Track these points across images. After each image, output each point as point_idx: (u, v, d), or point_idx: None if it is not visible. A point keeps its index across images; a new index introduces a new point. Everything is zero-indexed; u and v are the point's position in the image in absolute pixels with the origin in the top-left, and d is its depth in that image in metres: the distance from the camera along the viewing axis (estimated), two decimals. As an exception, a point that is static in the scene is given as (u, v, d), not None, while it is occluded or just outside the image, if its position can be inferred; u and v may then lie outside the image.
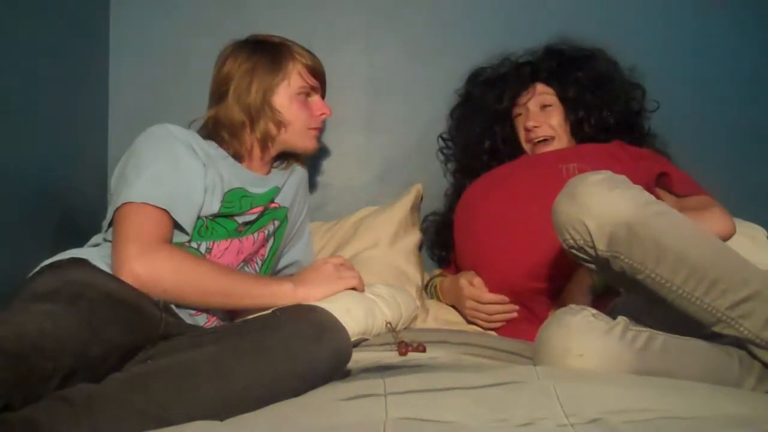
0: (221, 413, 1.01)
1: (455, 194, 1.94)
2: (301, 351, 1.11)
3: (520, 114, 1.85)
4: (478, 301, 1.69)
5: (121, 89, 2.01)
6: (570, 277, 1.56)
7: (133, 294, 1.26)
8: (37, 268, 1.31)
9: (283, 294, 1.38)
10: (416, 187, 1.99)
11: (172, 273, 1.31)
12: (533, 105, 1.83)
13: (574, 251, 1.23)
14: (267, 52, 1.59)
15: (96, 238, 1.47)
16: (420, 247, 1.96)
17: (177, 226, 1.39)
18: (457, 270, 1.85)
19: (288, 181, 1.65)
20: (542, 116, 1.81)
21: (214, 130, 1.57)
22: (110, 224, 1.39)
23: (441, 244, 1.97)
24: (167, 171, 1.40)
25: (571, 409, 0.96)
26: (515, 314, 1.69)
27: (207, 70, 1.66)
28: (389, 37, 2.10)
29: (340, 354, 1.16)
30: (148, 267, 1.29)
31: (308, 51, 1.64)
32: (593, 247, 1.18)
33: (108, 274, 1.29)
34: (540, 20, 2.05)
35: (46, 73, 1.63)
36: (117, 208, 1.36)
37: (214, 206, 1.45)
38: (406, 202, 1.94)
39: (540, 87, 1.84)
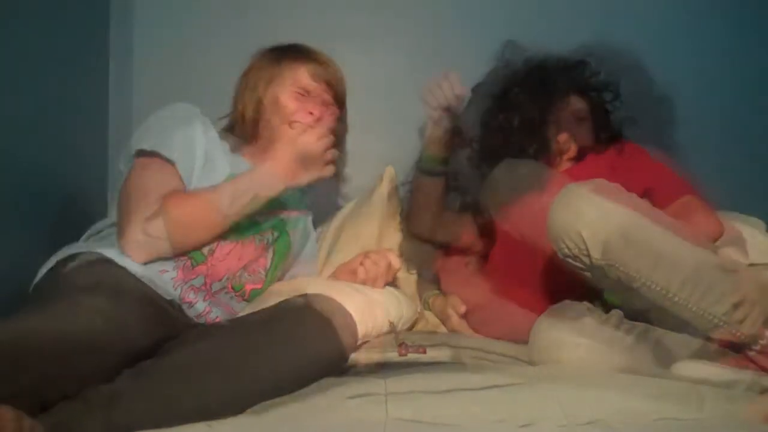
0: (230, 405, 1.04)
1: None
2: (306, 341, 1.14)
3: (552, 123, 1.73)
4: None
5: (121, 89, 2.01)
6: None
7: (153, 293, 1.29)
8: (64, 256, 1.32)
9: (263, 174, 1.40)
10: (388, 172, 1.95)
11: (169, 237, 1.33)
12: (569, 116, 1.74)
13: (569, 260, 1.23)
14: (279, 54, 1.63)
15: (93, 230, 1.48)
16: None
17: None
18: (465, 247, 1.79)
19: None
20: (579, 131, 1.73)
21: (233, 129, 1.61)
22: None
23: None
24: (180, 134, 1.45)
25: (570, 410, 0.97)
26: None
27: (208, 70, 1.66)
28: (389, 37, 2.10)
29: (344, 345, 1.20)
30: (145, 248, 1.32)
31: (323, 57, 1.64)
32: (588, 256, 1.18)
33: (131, 274, 1.30)
34: (541, 20, 2.05)
35: (46, 73, 1.63)
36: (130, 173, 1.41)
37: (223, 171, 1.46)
38: (381, 193, 1.91)
39: (574, 99, 1.75)
